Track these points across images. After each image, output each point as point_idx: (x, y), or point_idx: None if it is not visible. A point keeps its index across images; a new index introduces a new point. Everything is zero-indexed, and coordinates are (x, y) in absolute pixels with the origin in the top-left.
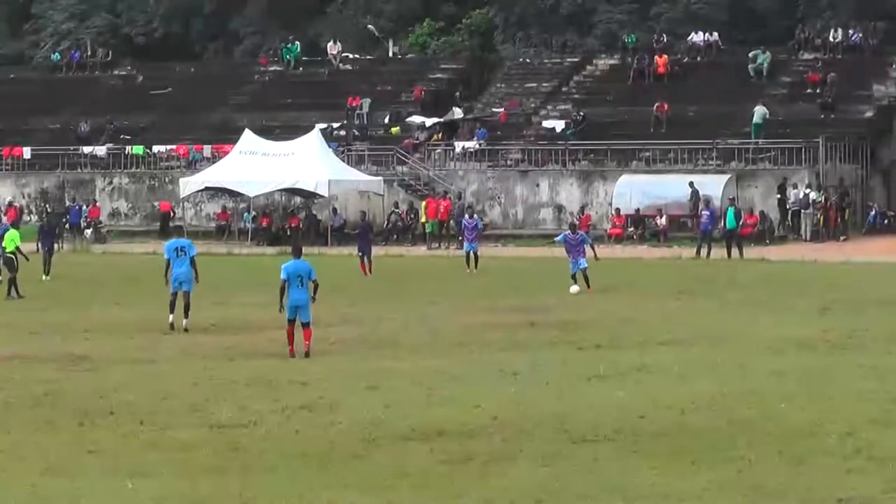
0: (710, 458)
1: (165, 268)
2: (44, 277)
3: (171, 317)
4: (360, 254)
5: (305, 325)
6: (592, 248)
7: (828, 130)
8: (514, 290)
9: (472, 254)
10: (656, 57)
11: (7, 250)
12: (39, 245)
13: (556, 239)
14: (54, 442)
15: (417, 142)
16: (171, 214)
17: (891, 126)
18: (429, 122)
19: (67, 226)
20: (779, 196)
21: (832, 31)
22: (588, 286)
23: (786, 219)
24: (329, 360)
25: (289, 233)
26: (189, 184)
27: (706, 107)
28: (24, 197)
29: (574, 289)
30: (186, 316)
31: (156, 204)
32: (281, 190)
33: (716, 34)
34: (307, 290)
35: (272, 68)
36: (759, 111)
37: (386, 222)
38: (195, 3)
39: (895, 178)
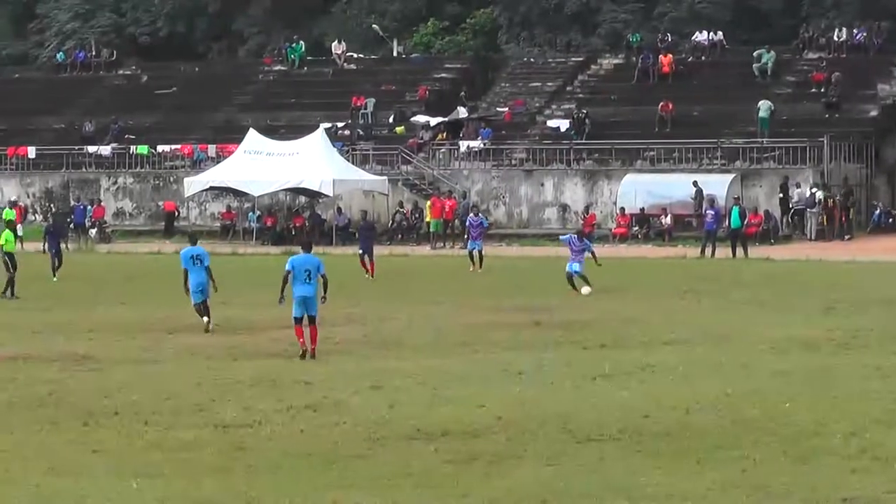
0: (715, 458)
1: (184, 278)
2: (54, 279)
3: (203, 319)
4: (361, 253)
5: (312, 320)
6: (593, 255)
7: (832, 130)
8: (518, 290)
9: (476, 252)
10: (661, 56)
11: (4, 250)
12: (46, 246)
13: (561, 238)
14: (58, 442)
15: (422, 141)
16: (176, 214)
17: (895, 125)
18: (433, 121)
19: (72, 225)
20: (781, 195)
21: (836, 30)
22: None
23: (789, 218)
24: (333, 359)
25: (293, 232)
26: (194, 183)
27: (710, 106)
28: (28, 196)
29: (585, 289)
30: (209, 318)
31: (160, 203)
32: (285, 189)
33: (720, 33)
34: (314, 285)
35: (276, 68)
36: (765, 105)
37: (390, 222)
38: (199, 2)
39: None
